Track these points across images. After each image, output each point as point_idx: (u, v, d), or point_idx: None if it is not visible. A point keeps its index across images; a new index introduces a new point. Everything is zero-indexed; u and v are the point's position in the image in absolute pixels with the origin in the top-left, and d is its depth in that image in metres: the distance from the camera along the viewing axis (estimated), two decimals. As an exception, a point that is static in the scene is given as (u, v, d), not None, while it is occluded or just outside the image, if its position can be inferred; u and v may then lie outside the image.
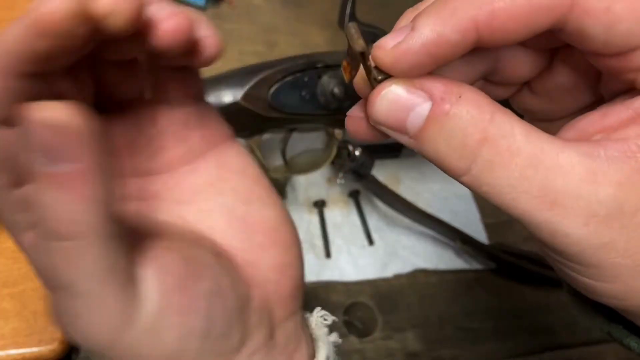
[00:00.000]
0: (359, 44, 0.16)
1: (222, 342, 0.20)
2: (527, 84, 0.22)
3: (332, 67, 0.38)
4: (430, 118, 0.16)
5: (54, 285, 0.16)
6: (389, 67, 0.16)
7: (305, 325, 0.24)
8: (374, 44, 0.17)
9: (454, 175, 0.16)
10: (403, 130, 0.17)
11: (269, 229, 0.22)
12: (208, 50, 0.19)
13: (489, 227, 0.51)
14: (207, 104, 0.23)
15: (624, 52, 0.16)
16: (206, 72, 0.47)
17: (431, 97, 0.16)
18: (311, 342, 0.24)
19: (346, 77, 0.18)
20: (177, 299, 0.18)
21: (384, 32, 0.38)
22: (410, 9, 0.19)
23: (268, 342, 0.22)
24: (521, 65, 0.20)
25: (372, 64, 0.17)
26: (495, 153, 0.15)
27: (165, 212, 0.22)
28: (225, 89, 0.37)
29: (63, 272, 0.15)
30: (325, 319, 0.25)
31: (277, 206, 0.23)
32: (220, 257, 0.21)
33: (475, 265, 0.50)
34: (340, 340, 0.25)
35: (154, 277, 0.18)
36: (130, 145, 0.21)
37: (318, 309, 0.25)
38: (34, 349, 0.36)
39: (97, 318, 0.16)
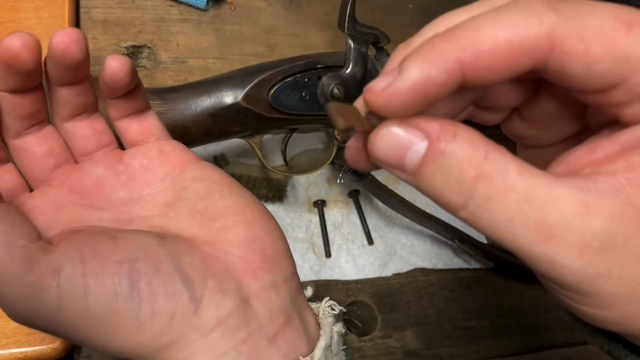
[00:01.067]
0: (339, 123, 0.17)
1: (165, 303, 0.21)
2: (516, 111, 0.22)
3: (332, 68, 0.38)
4: (427, 156, 0.17)
5: None
6: (380, 109, 0.17)
7: (305, 307, 0.26)
8: (365, 87, 0.17)
9: (452, 210, 0.17)
10: (402, 168, 0.17)
11: (228, 214, 0.26)
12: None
13: (487, 226, 0.51)
14: (171, 142, 0.29)
15: (604, 89, 0.17)
16: (207, 73, 0.47)
17: (427, 136, 0.17)
18: (314, 325, 0.25)
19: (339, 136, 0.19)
20: (89, 266, 0.21)
21: (383, 34, 0.39)
22: (402, 44, 0.20)
23: (243, 310, 0.23)
24: (508, 93, 0.21)
25: (366, 109, 0.18)
26: (491, 189, 0.16)
27: (138, 225, 0.25)
28: (226, 89, 0.37)
29: None
30: (332, 309, 0.26)
31: (237, 195, 0.27)
32: (163, 238, 0.23)
33: (474, 264, 0.50)
34: (343, 330, 0.26)
35: (63, 252, 0.21)
36: (99, 182, 0.27)
37: (326, 298, 0.27)
38: (36, 348, 0.36)
39: (2, 288, 0.20)
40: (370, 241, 0.49)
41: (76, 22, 0.47)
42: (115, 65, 0.24)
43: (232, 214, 0.26)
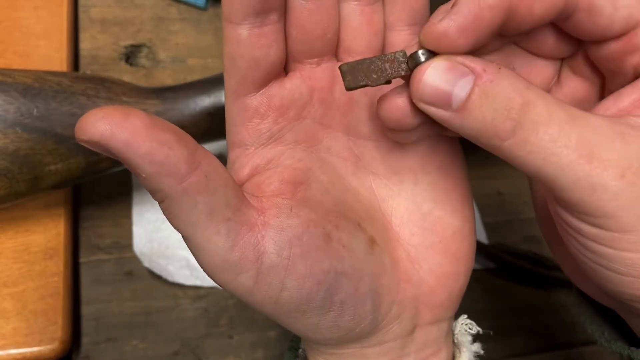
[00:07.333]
0: (346, 83, 0.19)
1: (348, 321, 0.21)
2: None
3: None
4: (475, 87, 0.17)
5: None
6: (436, 42, 0.18)
7: (449, 335, 0.25)
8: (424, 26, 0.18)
9: (498, 140, 0.17)
10: (448, 104, 0.18)
11: (445, 236, 0.23)
12: None
13: (488, 227, 0.51)
14: None
15: (627, 31, 0.18)
16: (206, 72, 0.47)
17: (473, 70, 0.18)
18: (451, 351, 0.25)
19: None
20: (295, 266, 0.19)
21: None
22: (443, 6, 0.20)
23: (406, 336, 0.23)
24: (535, 73, 0.22)
25: (416, 47, 0.19)
26: (537, 113, 0.17)
27: (358, 179, 0.23)
28: (226, 89, 0.37)
29: (173, 223, 0.18)
30: (470, 328, 0.25)
31: (465, 217, 0.24)
32: (374, 244, 0.22)
33: (475, 265, 0.50)
34: (482, 352, 0.24)
35: (270, 235, 0.19)
36: (349, 104, 0.23)
37: (464, 316, 0.25)
38: (34, 349, 0.36)
39: (203, 258, 0.19)
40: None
41: (75, 21, 0.47)
42: None
43: (448, 238, 0.23)
